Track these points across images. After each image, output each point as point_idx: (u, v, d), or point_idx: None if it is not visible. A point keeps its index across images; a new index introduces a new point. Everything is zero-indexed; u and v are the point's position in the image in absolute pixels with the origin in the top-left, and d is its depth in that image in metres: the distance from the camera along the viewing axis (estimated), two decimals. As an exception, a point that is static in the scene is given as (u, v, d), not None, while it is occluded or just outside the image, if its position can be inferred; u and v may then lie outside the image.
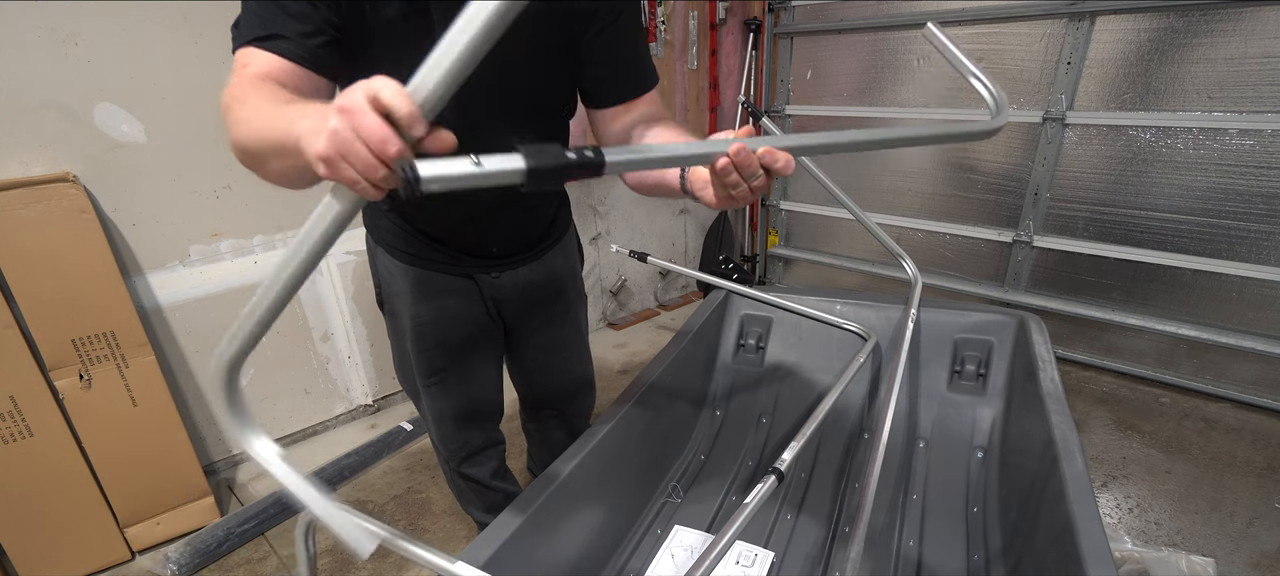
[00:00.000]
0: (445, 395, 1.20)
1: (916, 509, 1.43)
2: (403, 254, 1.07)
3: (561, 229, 1.20)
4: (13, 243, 1.46)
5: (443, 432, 1.26)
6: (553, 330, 1.27)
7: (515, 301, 1.17)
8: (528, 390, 1.37)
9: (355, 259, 2.18)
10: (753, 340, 1.80)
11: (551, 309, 1.24)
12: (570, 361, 1.35)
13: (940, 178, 2.71)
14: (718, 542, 0.87)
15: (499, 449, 1.38)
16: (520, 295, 1.16)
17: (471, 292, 1.12)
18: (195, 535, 1.77)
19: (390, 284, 1.11)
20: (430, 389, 1.18)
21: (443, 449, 1.30)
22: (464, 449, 1.29)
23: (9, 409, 1.50)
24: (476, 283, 1.11)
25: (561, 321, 1.28)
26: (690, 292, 3.54)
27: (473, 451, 1.31)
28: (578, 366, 1.37)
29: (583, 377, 1.39)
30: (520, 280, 1.14)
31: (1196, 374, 2.30)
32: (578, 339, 1.34)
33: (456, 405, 1.22)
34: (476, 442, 1.30)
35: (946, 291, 2.81)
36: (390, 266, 1.09)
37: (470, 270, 1.09)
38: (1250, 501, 1.74)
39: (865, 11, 2.68)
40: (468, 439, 1.29)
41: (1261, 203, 2.04)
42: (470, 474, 1.34)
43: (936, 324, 1.63)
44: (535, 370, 1.32)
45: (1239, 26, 1.93)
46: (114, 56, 1.62)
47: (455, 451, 1.29)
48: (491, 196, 0.95)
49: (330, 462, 2.07)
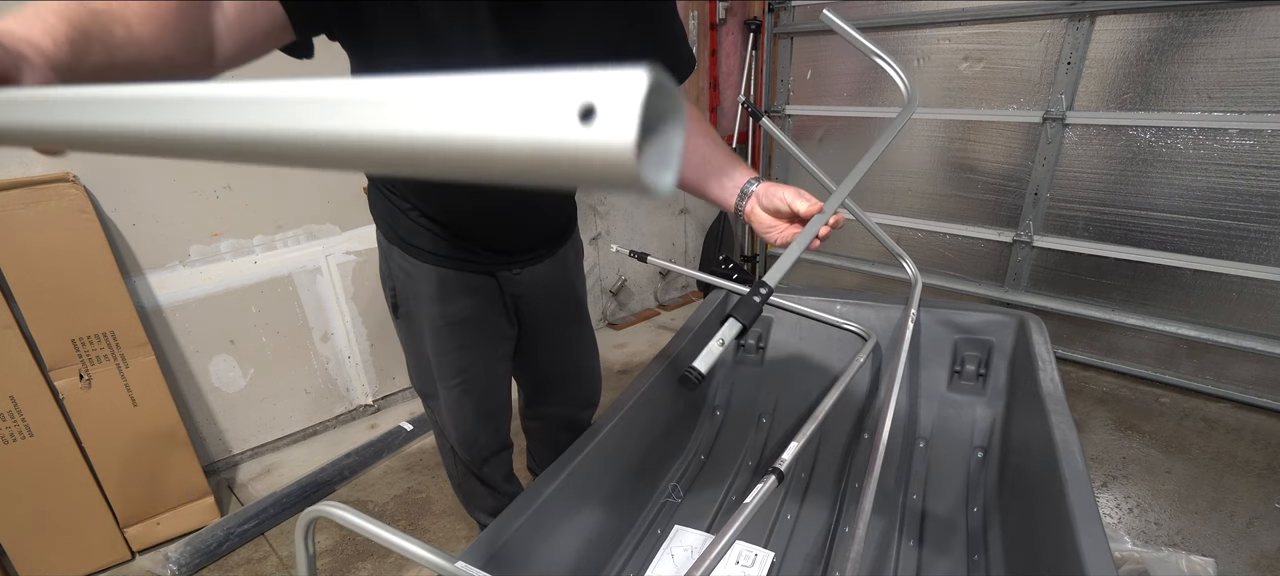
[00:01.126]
0: (467, 396, 1.18)
1: (916, 509, 1.43)
2: (425, 253, 1.05)
3: (574, 225, 1.23)
4: (13, 242, 1.46)
5: (463, 435, 1.23)
6: (568, 328, 1.29)
7: (533, 299, 1.18)
8: (536, 388, 1.37)
9: (355, 259, 2.18)
10: (753, 340, 1.80)
11: (567, 305, 1.26)
12: (586, 356, 1.37)
13: (940, 178, 2.71)
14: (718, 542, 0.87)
15: (510, 451, 1.39)
16: (539, 292, 1.17)
17: (492, 292, 1.12)
18: (195, 535, 1.77)
19: (408, 285, 1.08)
20: (452, 391, 1.16)
21: (462, 451, 1.27)
22: (483, 451, 1.29)
23: (9, 409, 1.50)
24: (498, 280, 1.11)
25: (576, 318, 1.30)
26: (690, 292, 3.54)
27: (490, 453, 1.31)
28: (591, 362, 1.39)
29: (595, 374, 1.41)
30: (539, 277, 1.15)
31: (1196, 374, 2.30)
32: (590, 336, 1.37)
33: (478, 406, 1.21)
34: (493, 444, 1.31)
35: (946, 291, 2.81)
36: (409, 267, 1.06)
37: (492, 266, 1.09)
38: (1250, 501, 1.74)
39: (865, 11, 2.68)
40: (486, 441, 1.28)
41: (1261, 203, 2.04)
42: (486, 476, 1.34)
43: (936, 324, 1.63)
44: (549, 368, 1.32)
45: (1239, 26, 1.93)
46: (114, 56, 1.62)
47: (476, 454, 1.28)
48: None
49: (330, 462, 2.07)
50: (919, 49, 2.59)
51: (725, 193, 0.99)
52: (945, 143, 2.63)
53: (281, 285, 2.05)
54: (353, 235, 2.16)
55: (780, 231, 0.96)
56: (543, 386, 1.36)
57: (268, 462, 2.13)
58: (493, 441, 1.30)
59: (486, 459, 1.31)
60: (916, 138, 2.70)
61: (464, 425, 1.22)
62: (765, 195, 0.96)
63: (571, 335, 1.30)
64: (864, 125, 2.87)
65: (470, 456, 1.28)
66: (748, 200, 0.97)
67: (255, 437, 2.14)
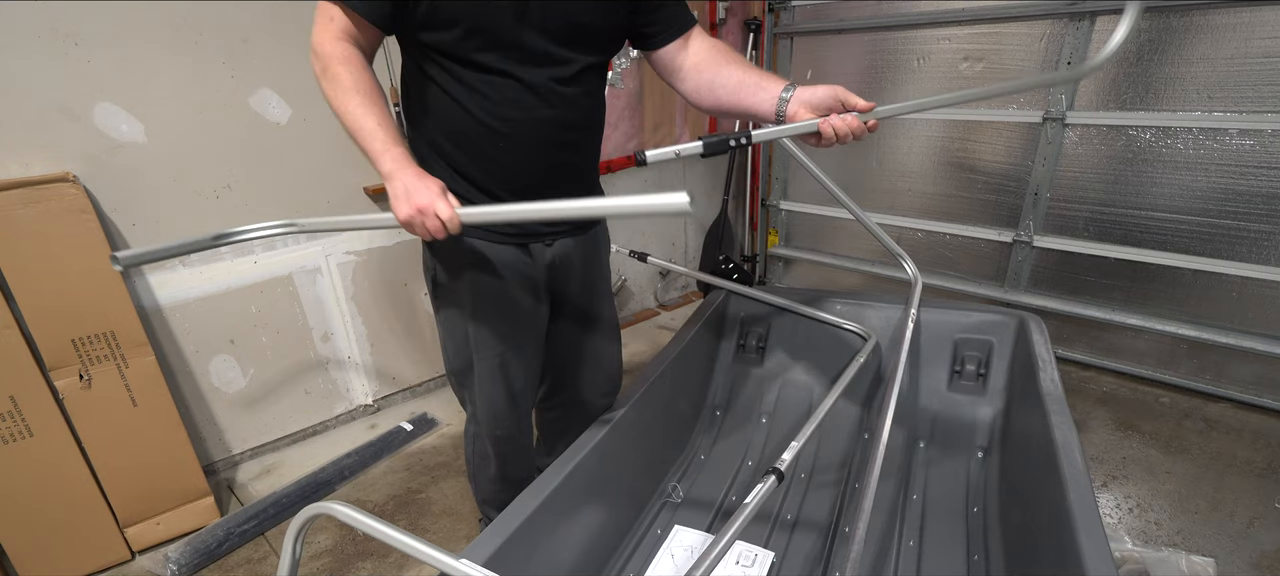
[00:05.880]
0: (501, 370, 1.22)
1: (916, 509, 1.43)
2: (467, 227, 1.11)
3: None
4: (13, 243, 1.46)
5: (494, 410, 1.27)
6: (593, 306, 1.33)
7: (564, 274, 1.22)
8: (560, 371, 1.40)
9: (356, 259, 2.18)
10: (753, 340, 1.80)
11: (594, 287, 1.31)
12: (608, 341, 1.39)
13: (940, 177, 2.71)
14: (718, 542, 0.87)
15: (530, 447, 1.41)
16: (568, 268, 1.22)
17: (526, 267, 1.17)
18: (195, 535, 1.77)
19: (451, 260, 1.16)
20: (488, 362, 1.21)
21: (489, 427, 1.30)
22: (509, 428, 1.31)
23: (9, 409, 1.50)
24: (530, 253, 1.16)
25: (601, 302, 1.35)
26: (690, 292, 3.54)
27: (514, 431, 1.33)
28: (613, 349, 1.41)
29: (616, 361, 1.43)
30: (570, 252, 1.21)
31: (1196, 374, 2.30)
32: (613, 323, 1.40)
33: (509, 381, 1.25)
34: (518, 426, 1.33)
35: (946, 291, 2.81)
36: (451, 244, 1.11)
37: (526, 237, 1.15)
38: (1250, 501, 1.74)
39: (865, 11, 2.68)
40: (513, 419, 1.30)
41: (1261, 203, 2.03)
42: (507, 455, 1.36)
43: (936, 324, 1.63)
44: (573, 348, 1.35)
45: (1239, 26, 1.93)
46: (114, 56, 1.62)
47: (501, 431, 1.30)
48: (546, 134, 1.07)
49: (330, 462, 2.07)
50: (919, 49, 2.59)
51: (759, 103, 1.09)
52: (945, 143, 2.63)
53: (281, 285, 2.05)
54: (353, 235, 2.16)
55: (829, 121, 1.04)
56: (565, 369, 1.39)
57: (268, 462, 2.13)
58: (518, 423, 1.32)
59: (511, 436, 1.32)
60: (916, 138, 2.70)
61: (496, 400, 1.25)
62: (808, 93, 1.06)
63: (596, 316, 1.34)
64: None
65: (496, 433, 1.30)
66: (788, 105, 1.07)
67: (255, 437, 2.14)
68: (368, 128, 0.93)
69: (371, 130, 0.92)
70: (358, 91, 0.94)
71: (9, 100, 1.51)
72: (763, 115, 1.09)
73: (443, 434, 2.24)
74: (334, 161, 2.04)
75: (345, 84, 0.94)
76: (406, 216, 0.90)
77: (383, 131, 0.93)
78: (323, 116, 2.00)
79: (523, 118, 1.04)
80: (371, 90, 0.95)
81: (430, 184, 0.90)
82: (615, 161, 2.84)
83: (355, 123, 0.93)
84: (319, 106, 1.99)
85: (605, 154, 2.80)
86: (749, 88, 1.10)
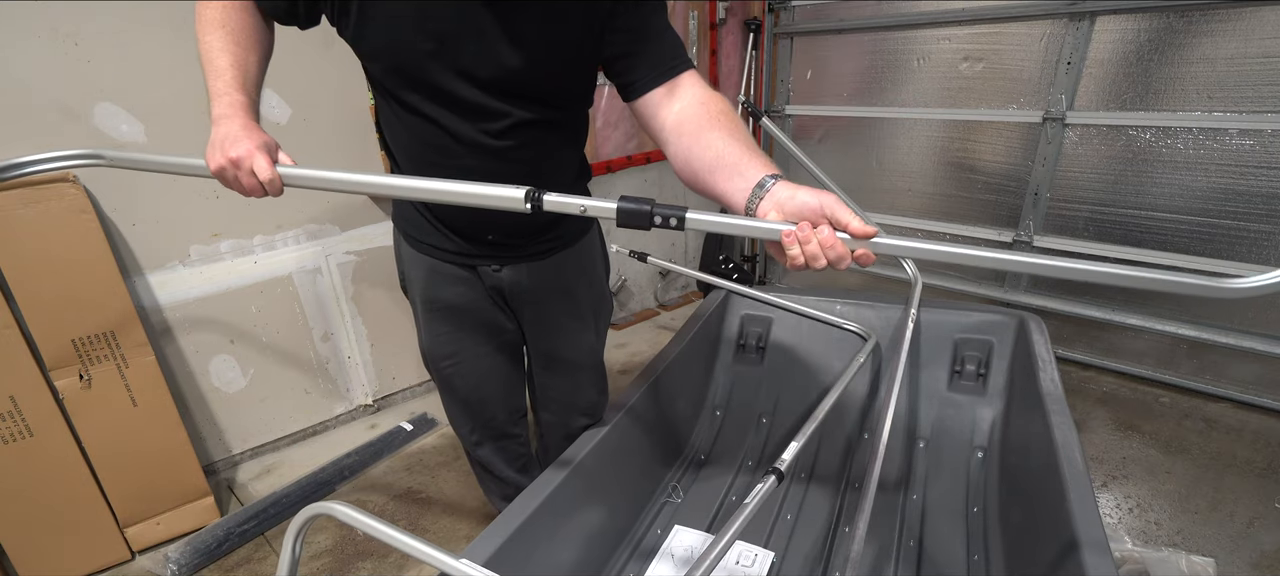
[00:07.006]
0: (454, 382, 1.23)
1: (916, 509, 1.43)
2: (416, 241, 1.11)
3: (575, 233, 1.15)
4: (13, 243, 1.46)
5: (451, 417, 1.33)
6: (558, 338, 1.23)
7: (521, 300, 1.16)
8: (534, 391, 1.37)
9: (355, 259, 2.18)
10: (753, 340, 1.80)
11: (560, 316, 1.20)
12: (580, 369, 1.28)
13: (940, 178, 2.71)
14: (718, 542, 0.87)
15: (515, 442, 1.38)
16: (527, 295, 1.14)
17: (476, 284, 1.14)
18: (195, 535, 1.77)
19: (409, 269, 1.16)
20: (440, 374, 1.23)
21: (457, 432, 1.36)
22: (475, 435, 1.32)
23: (9, 409, 1.50)
24: (478, 275, 1.12)
25: (571, 328, 1.23)
26: (690, 292, 3.53)
27: (485, 439, 1.33)
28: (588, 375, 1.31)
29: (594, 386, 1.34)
30: (522, 279, 1.12)
31: (1196, 374, 2.30)
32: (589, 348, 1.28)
33: (466, 393, 1.25)
34: (489, 432, 1.32)
35: (946, 291, 2.81)
36: (407, 253, 1.15)
37: (471, 260, 1.10)
38: (1250, 501, 1.74)
39: (865, 11, 2.68)
40: (479, 426, 1.31)
41: (1261, 203, 2.03)
42: (483, 459, 1.37)
43: (936, 324, 1.63)
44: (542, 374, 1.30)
45: (1239, 26, 1.93)
46: (114, 56, 1.62)
47: (467, 436, 1.33)
48: (469, 164, 0.94)
49: (330, 462, 2.07)
50: (919, 49, 2.59)
51: (732, 190, 0.80)
52: (945, 143, 2.63)
53: (281, 285, 2.05)
54: (353, 235, 2.16)
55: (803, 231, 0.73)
56: (537, 390, 1.34)
57: (268, 462, 2.13)
58: (482, 430, 1.31)
59: (479, 443, 1.33)
60: (916, 138, 2.70)
61: (451, 409, 1.31)
62: (788, 193, 0.75)
63: (564, 345, 1.24)
64: (864, 125, 2.87)
65: (462, 437, 1.35)
66: (761, 201, 0.76)
67: (255, 437, 2.14)
68: (217, 67, 0.83)
69: (220, 70, 0.83)
70: (223, 27, 0.83)
71: (9, 100, 1.51)
72: (732, 206, 0.81)
73: (443, 434, 2.24)
74: (335, 161, 2.04)
75: (209, 17, 0.84)
76: (217, 166, 0.80)
77: (231, 73, 0.83)
78: (323, 116, 2.00)
79: (451, 165, 0.93)
80: (240, 30, 0.84)
81: (254, 137, 0.80)
82: (615, 161, 2.84)
83: (206, 59, 0.84)
84: (319, 106, 2.00)
85: (605, 154, 2.80)
86: (725, 169, 0.81)
